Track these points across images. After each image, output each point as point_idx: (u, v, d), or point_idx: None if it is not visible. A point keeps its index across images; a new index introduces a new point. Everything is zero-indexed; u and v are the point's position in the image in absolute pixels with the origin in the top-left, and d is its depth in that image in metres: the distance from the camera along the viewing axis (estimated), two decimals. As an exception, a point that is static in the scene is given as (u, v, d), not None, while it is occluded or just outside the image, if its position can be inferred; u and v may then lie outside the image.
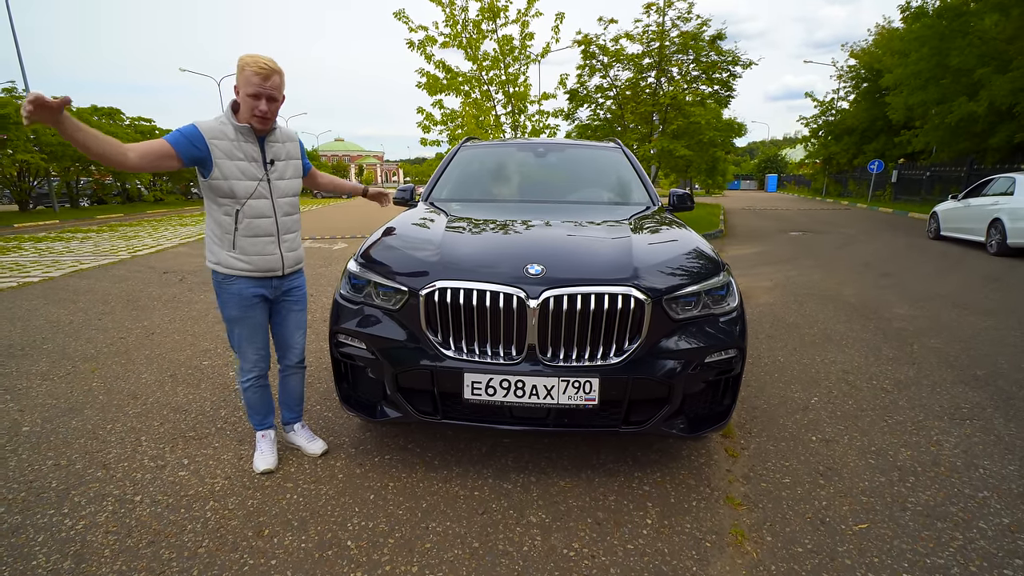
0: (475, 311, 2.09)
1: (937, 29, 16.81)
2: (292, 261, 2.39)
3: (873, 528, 2.05)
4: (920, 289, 6.34)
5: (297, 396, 2.65)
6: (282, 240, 2.32)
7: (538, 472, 2.44)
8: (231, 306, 2.28)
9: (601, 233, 2.63)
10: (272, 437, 2.55)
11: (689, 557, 1.90)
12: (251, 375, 2.41)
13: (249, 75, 2.06)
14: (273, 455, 2.48)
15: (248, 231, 2.21)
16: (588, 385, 2.04)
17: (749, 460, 2.56)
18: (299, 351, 2.56)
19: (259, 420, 2.52)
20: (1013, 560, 1.87)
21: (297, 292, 2.48)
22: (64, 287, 6.53)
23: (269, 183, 2.24)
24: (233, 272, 2.23)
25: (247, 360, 2.39)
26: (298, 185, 2.40)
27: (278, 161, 2.27)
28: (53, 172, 20.29)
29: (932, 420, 2.95)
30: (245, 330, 2.33)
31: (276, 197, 2.27)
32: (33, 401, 3.19)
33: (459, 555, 1.91)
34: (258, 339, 2.38)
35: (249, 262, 2.23)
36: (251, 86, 2.07)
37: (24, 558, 1.88)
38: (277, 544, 1.96)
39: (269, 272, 2.30)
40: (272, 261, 2.29)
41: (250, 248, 2.23)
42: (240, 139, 2.15)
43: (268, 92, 2.10)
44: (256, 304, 2.32)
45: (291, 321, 2.49)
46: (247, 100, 2.09)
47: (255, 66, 2.06)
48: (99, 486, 2.32)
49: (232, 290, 2.25)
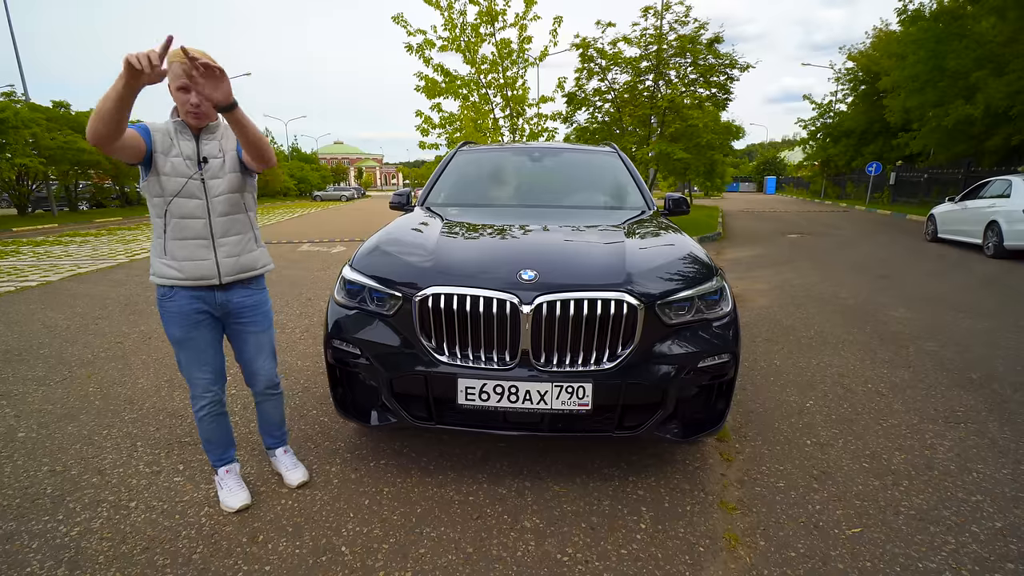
0: (469, 317, 2.10)
1: (934, 32, 16.88)
2: (232, 269, 2.11)
3: (866, 532, 2.06)
4: (917, 292, 6.35)
5: (275, 422, 2.44)
6: (218, 244, 2.07)
7: (532, 477, 2.45)
8: (173, 325, 2.07)
9: (595, 238, 2.63)
10: (236, 471, 2.32)
11: (683, 562, 1.91)
12: (203, 402, 2.17)
13: (175, 67, 1.87)
14: (244, 489, 2.26)
15: (176, 233, 2.01)
16: (581, 390, 2.05)
17: (744, 464, 2.56)
18: (266, 377, 2.31)
19: (218, 455, 2.28)
20: (1005, 564, 1.88)
21: (253, 312, 2.21)
22: (62, 291, 6.53)
23: (203, 183, 2.02)
24: (166, 281, 2.03)
25: (196, 386, 2.15)
26: (236, 180, 2.10)
27: (212, 159, 2.05)
28: (52, 176, 20.31)
29: (927, 424, 2.96)
30: (190, 352, 2.11)
31: (211, 197, 2.04)
32: (29, 407, 3.20)
33: (453, 560, 1.91)
34: (206, 363, 2.14)
35: (179, 268, 2.02)
36: (176, 79, 1.90)
37: (18, 565, 1.88)
38: (271, 550, 1.96)
39: (202, 280, 2.05)
40: (204, 267, 2.05)
41: (179, 252, 2.01)
42: (177, 136, 1.99)
43: (191, 84, 1.89)
44: (200, 323, 2.10)
45: (251, 344, 2.24)
46: (178, 95, 1.93)
47: (179, 56, 1.84)
48: (94, 492, 2.32)
49: (171, 307, 2.05)
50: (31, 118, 17.34)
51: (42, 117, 18.36)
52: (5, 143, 16.43)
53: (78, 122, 20.23)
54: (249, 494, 2.26)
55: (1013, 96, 14.90)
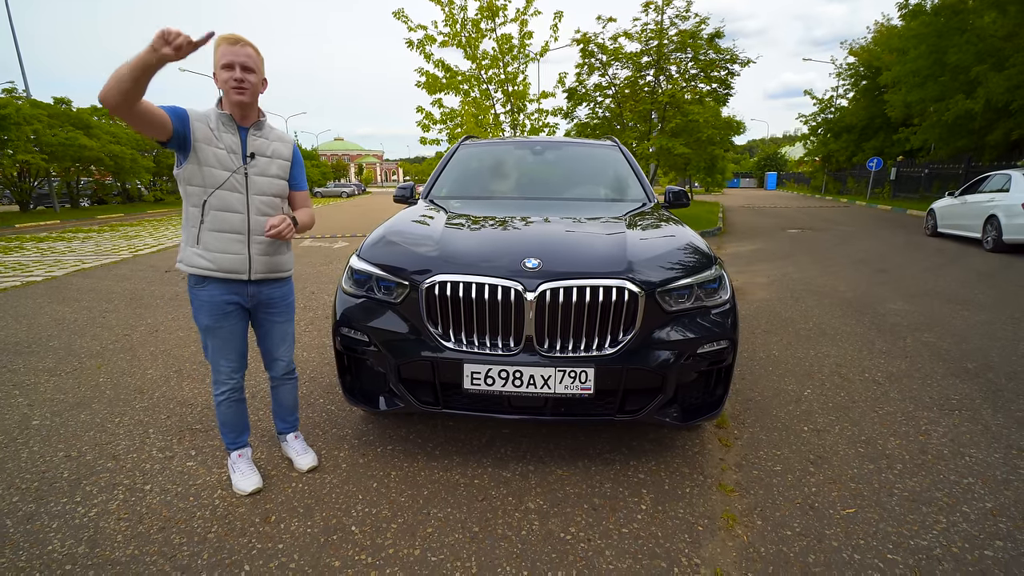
0: (474, 304, 2.16)
1: (935, 27, 16.86)
2: (263, 267, 2.17)
3: (860, 512, 2.12)
4: (915, 285, 6.41)
5: (289, 406, 2.52)
6: (253, 241, 2.12)
7: (536, 461, 2.51)
8: (203, 314, 2.12)
9: (597, 228, 2.69)
10: (249, 455, 2.38)
11: (682, 540, 1.97)
12: (224, 388, 2.24)
13: (221, 46, 1.96)
14: (256, 473, 2.32)
15: (213, 225, 2.05)
16: (584, 375, 2.11)
17: (742, 449, 2.63)
18: (286, 363, 2.41)
19: (232, 438, 2.34)
20: (994, 542, 1.94)
21: (280, 303, 2.31)
22: (68, 286, 6.60)
23: (246, 177, 2.08)
24: (195, 271, 2.07)
25: (220, 372, 2.22)
26: (281, 187, 2.21)
27: (260, 156, 2.12)
28: (53, 172, 20.35)
29: (922, 411, 3.02)
30: (218, 341, 2.17)
31: (252, 193, 2.10)
32: (42, 396, 3.26)
33: (460, 539, 1.98)
34: (233, 351, 2.21)
35: (212, 260, 2.06)
36: (224, 56, 1.96)
37: (40, 543, 1.95)
38: (284, 529, 2.03)
39: (233, 274, 2.10)
40: (236, 262, 2.10)
41: (213, 244, 2.06)
42: (221, 128, 2.03)
43: (241, 60, 1.98)
44: (230, 313, 2.15)
45: (275, 333, 2.34)
46: (222, 73, 1.98)
47: (227, 38, 1.98)
48: (109, 476, 2.39)
49: (203, 296, 2.10)
50: (33, 114, 17.35)
51: (43, 114, 18.36)
52: (7, 139, 16.45)
53: (79, 119, 20.25)
54: (261, 478, 2.32)
55: (1013, 91, 14.91)
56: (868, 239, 11.10)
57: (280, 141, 2.21)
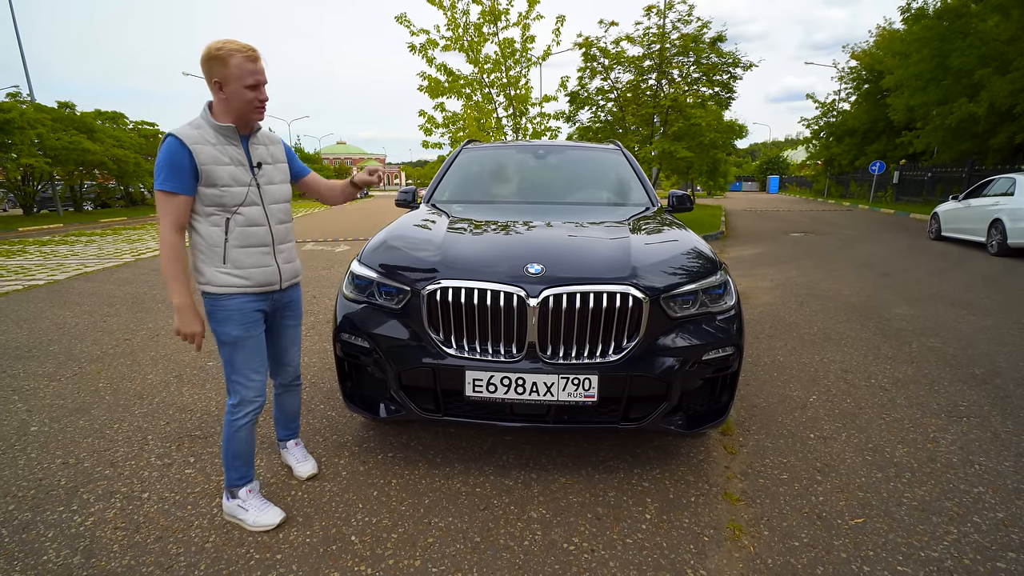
0: (476, 310, 2.13)
1: (938, 30, 16.83)
2: (289, 274, 2.16)
3: (869, 522, 2.08)
4: (920, 289, 6.36)
5: (292, 413, 2.47)
6: (278, 251, 2.08)
7: (539, 469, 2.48)
8: (232, 324, 1.98)
9: (600, 233, 2.66)
10: (258, 488, 2.19)
11: (687, 551, 1.94)
12: (250, 408, 2.06)
13: (241, 62, 1.83)
14: (274, 508, 2.12)
15: (241, 241, 1.97)
16: (587, 382, 2.08)
17: (747, 457, 2.59)
18: (295, 368, 2.37)
19: (244, 472, 2.12)
20: (1007, 553, 1.90)
21: (294, 306, 2.27)
22: (69, 290, 6.59)
23: (259, 188, 2.01)
24: (227, 290, 1.97)
25: (249, 389, 2.04)
26: (288, 191, 2.17)
27: (265, 164, 2.05)
28: (57, 176, 20.40)
29: (929, 418, 2.98)
30: (247, 352, 2.03)
31: (268, 204, 2.04)
32: (41, 401, 3.24)
33: (461, 549, 1.95)
34: (261, 362, 2.10)
35: (247, 276, 1.98)
36: (249, 76, 1.85)
37: (35, 553, 1.92)
38: (283, 539, 2.00)
39: (267, 287, 2.06)
40: (270, 274, 2.05)
41: (246, 260, 1.98)
42: (222, 141, 1.91)
43: (264, 80, 1.91)
44: (258, 321, 2.07)
45: (287, 337, 2.29)
46: (245, 93, 1.87)
47: (245, 51, 1.84)
48: (107, 483, 2.36)
49: (232, 306, 1.98)
50: (37, 119, 17.41)
51: (47, 118, 18.42)
52: (11, 143, 16.51)
53: (83, 123, 20.31)
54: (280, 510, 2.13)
55: (1017, 94, 14.87)
56: (871, 243, 11.05)
57: (273, 144, 2.13)
